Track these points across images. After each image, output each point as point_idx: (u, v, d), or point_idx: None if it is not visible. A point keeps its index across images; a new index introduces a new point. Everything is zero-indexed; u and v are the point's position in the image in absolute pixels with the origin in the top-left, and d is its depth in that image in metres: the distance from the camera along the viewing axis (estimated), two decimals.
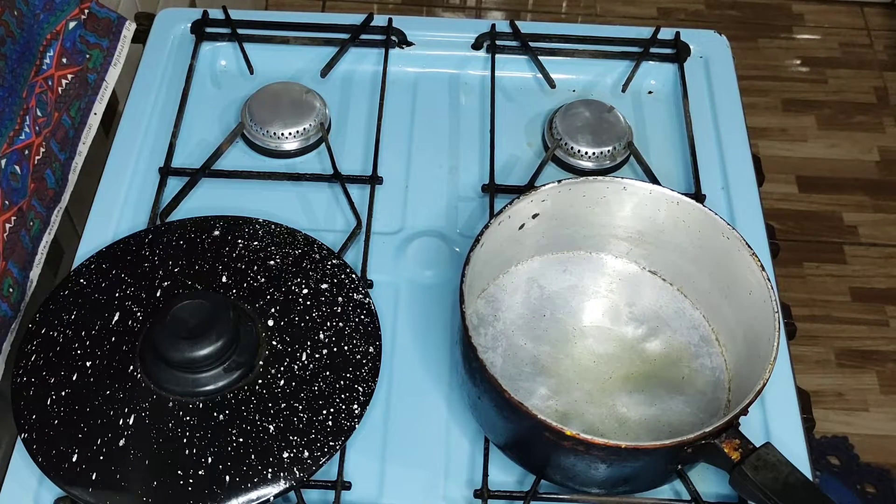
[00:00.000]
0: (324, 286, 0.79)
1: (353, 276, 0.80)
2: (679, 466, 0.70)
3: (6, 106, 0.75)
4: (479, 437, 0.74)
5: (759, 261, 0.72)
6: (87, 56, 0.89)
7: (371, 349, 0.75)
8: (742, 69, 1.01)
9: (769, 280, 0.72)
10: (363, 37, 1.00)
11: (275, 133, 0.91)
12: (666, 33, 1.02)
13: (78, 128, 0.88)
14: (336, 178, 0.89)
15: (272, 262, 0.80)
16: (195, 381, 0.71)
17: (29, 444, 0.70)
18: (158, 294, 0.78)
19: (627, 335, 0.79)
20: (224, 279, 0.79)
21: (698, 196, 0.89)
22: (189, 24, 1.01)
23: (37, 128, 0.79)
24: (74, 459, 0.69)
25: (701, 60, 1.01)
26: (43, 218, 0.82)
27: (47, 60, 0.82)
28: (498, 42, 1.00)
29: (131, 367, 0.73)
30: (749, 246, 0.73)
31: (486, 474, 0.72)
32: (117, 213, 0.87)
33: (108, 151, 0.91)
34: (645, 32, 1.02)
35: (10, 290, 0.76)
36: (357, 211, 0.87)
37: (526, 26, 1.02)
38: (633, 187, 0.78)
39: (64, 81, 0.85)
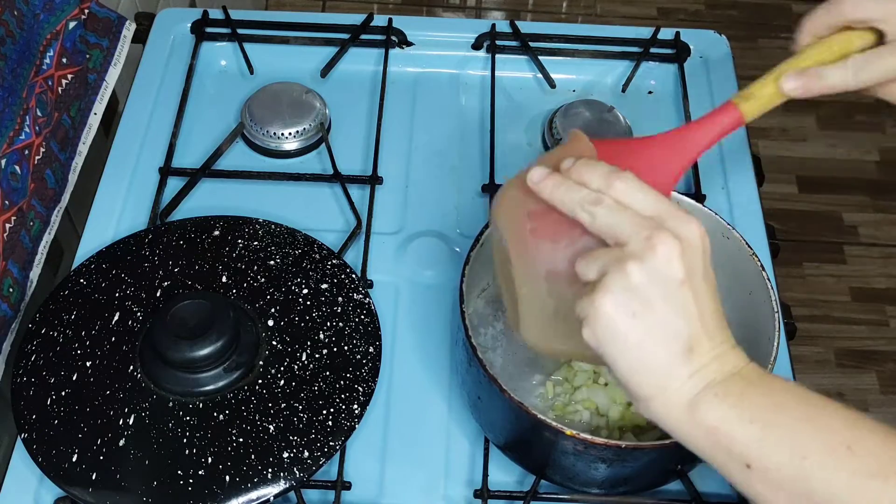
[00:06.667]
0: (324, 286, 0.79)
1: (353, 276, 0.80)
2: (679, 466, 0.70)
3: (6, 106, 0.75)
4: (479, 437, 0.74)
5: (759, 261, 0.72)
6: (87, 56, 0.88)
7: (371, 349, 0.75)
8: (742, 69, 1.00)
9: (769, 280, 0.72)
10: (363, 37, 1.00)
11: (275, 133, 0.91)
12: (666, 33, 1.02)
13: (78, 128, 0.88)
14: (336, 178, 0.89)
15: (272, 262, 0.80)
16: (195, 381, 0.71)
17: (29, 444, 0.70)
18: (158, 294, 0.78)
19: None
20: (224, 279, 0.79)
21: (698, 196, 0.89)
22: (189, 24, 1.01)
23: (37, 128, 0.79)
24: (74, 459, 0.69)
25: (701, 60, 1.01)
26: (43, 218, 0.82)
27: (47, 60, 0.82)
28: (498, 42, 1.00)
29: (131, 367, 0.73)
30: (749, 246, 0.73)
31: (486, 474, 0.72)
32: (117, 213, 0.87)
33: (108, 151, 0.91)
34: (645, 32, 1.02)
35: (10, 290, 0.76)
36: (357, 211, 0.87)
37: (526, 26, 1.02)
38: None
39: (64, 81, 0.85)
